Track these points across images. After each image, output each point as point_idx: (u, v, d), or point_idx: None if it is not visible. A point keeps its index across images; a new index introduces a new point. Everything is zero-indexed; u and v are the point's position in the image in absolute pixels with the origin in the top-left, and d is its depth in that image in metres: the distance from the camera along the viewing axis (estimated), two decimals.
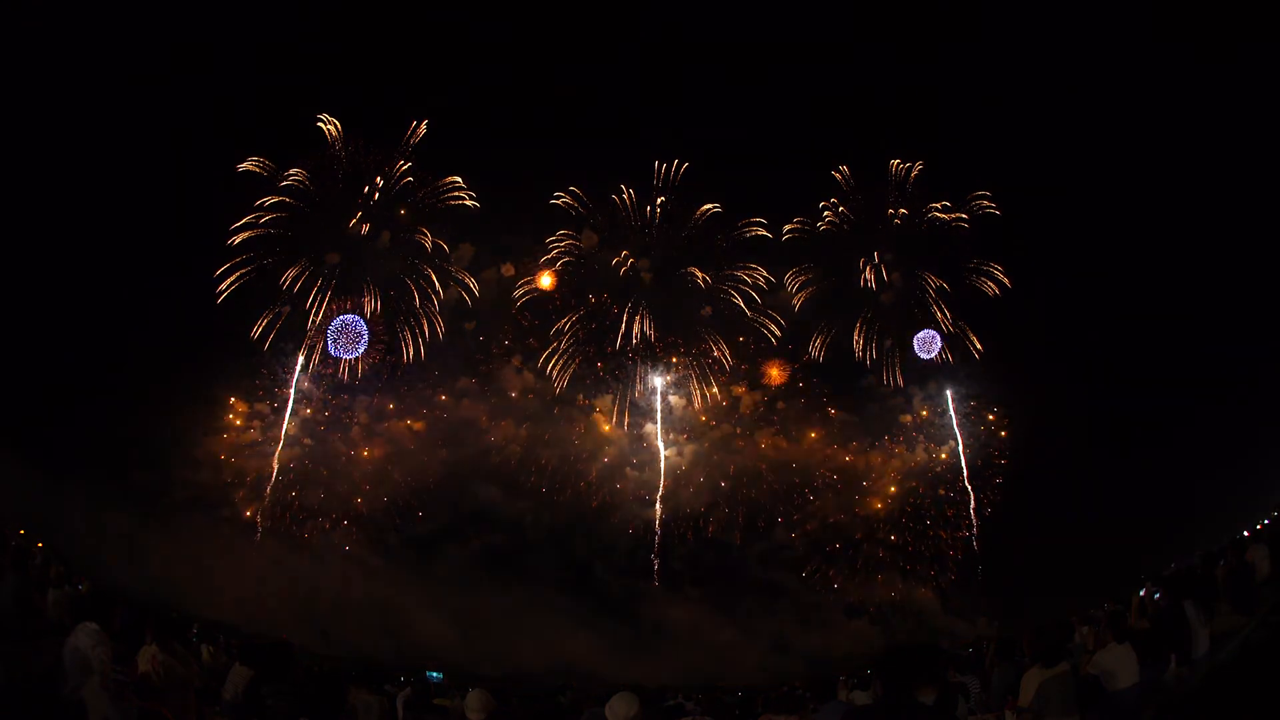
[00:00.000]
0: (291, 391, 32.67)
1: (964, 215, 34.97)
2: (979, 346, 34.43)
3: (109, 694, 6.75)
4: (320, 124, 33.05)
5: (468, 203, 33.83)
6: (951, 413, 34.78)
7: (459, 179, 33.69)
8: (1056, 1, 32.24)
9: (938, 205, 35.04)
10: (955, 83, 33.11)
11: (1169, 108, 30.41)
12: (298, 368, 32.58)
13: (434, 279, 33.66)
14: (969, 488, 34.33)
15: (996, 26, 31.99)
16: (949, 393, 34.82)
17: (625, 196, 34.66)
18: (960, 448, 34.60)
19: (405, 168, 33.56)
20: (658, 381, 34.70)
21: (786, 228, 34.95)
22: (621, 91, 34.76)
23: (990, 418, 34.85)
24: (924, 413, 35.16)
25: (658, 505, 34.34)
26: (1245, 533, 16.76)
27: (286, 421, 32.66)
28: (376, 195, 33.39)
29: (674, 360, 34.74)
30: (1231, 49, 28.37)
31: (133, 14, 28.87)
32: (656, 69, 34.46)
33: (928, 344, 34.29)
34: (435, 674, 28.02)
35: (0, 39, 27.28)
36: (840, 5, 33.94)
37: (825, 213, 35.15)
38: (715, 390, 34.80)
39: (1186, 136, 30.03)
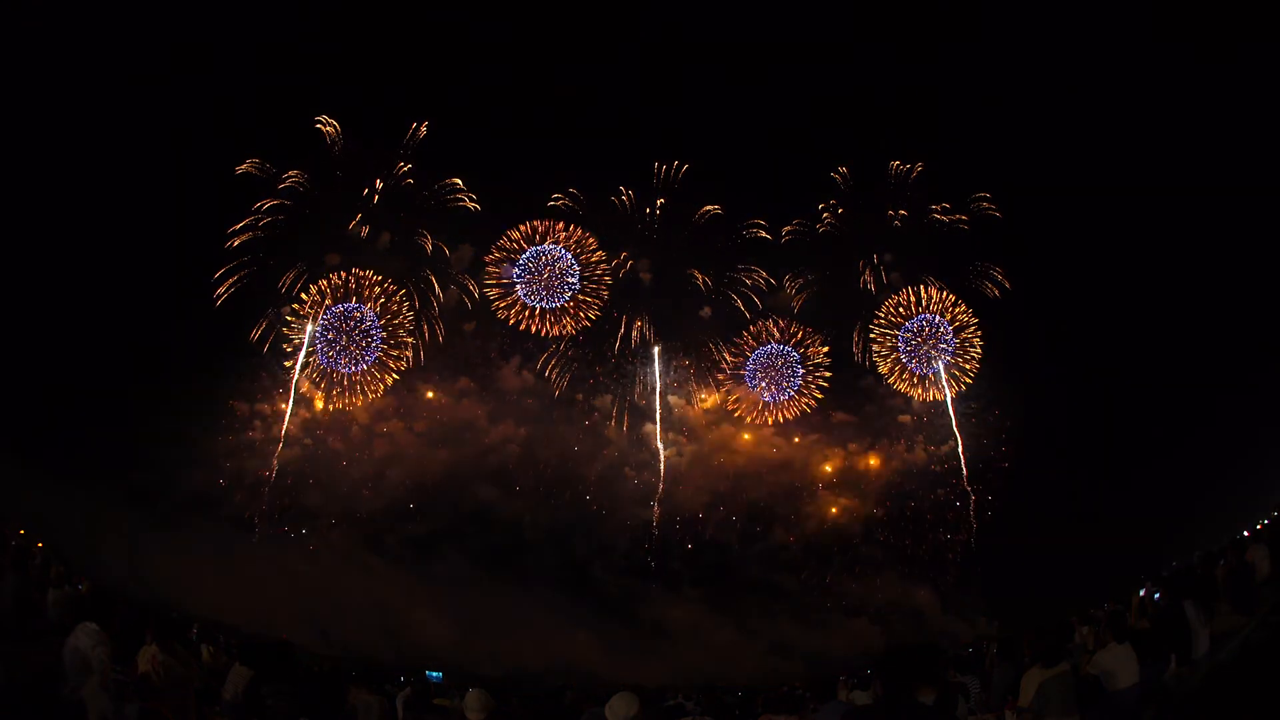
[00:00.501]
0: (291, 393, 32.72)
1: (964, 217, 34.97)
2: (979, 347, 34.47)
3: (109, 694, 6.76)
4: (320, 125, 33.11)
5: (468, 204, 33.89)
6: (951, 413, 34.81)
7: (459, 180, 33.75)
8: (1056, 1, 32.26)
9: (938, 207, 35.03)
10: (955, 83, 33.09)
11: (1169, 108, 30.41)
12: (297, 369, 32.63)
13: (434, 281, 33.70)
14: (969, 488, 34.37)
15: (996, 26, 31.96)
16: (949, 393, 34.88)
17: (625, 197, 34.69)
18: (960, 448, 34.65)
19: (405, 169, 33.62)
20: (657, 383, 34.74)
21: (786, 229, 34.95)
22: (621, 91, 34.78)
23: (990, 419, 34.91)
24: (924, 418, 35.27)
25: (656, 506, 34.40)
26: (1245, 533, 16.71)
27: (286, 422, 32.75)
28: (376, 197, 33.44)
29: (673, 362, 34.79)
30: (1231, 49, 28.35)
31: (133, 14, 28.90)
32: (656, 69, 34.45)
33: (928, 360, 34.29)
34: (435, 674, 28.07)
35: (0, 39, 27.31)
36: (840, 5, 33.93)
37: (825, 214, 35.16)
38: (715, 391, 34.87)
39: (1187, 137, 30.01)
